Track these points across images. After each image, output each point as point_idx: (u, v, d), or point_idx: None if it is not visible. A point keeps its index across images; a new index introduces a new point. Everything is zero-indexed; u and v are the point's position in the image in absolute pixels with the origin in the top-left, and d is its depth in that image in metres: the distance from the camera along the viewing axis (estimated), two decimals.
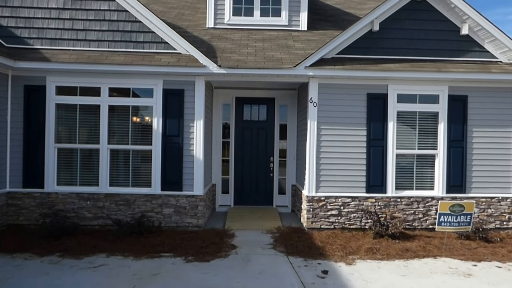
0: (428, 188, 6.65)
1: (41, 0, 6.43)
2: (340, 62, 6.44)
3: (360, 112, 6.52)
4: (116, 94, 6.47)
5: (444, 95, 6.54)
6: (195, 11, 9.32)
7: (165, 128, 6.41)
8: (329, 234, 6.20)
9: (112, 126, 6.44)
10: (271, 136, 8.18)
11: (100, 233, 6.01)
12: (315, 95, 6.48)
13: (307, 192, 6.51)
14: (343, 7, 9.97)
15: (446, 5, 6.54)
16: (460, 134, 6.55)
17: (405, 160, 6.65)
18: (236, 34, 7.87)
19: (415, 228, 6.53)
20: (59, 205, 6.32)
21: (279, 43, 7.47)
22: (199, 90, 6.43)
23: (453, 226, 5.63)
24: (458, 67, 6.45)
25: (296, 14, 8.23)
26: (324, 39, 7.59)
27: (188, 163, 6.43)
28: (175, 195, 6.41)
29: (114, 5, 6.45)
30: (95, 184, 6.43)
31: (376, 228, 6.01)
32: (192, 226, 6.43)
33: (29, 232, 5.95)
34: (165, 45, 6.50)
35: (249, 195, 8.19)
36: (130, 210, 6.37)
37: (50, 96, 6.32)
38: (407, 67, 6.40)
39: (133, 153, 6.51)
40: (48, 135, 6.31)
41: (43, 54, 6.25)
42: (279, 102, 8.19)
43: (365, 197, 6.52)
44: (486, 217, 6.57)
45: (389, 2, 6.42)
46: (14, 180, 6.30)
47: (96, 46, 6.46)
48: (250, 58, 6.64)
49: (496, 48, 6.67)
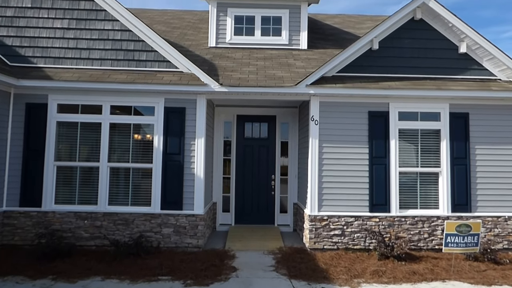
0: (432, 207, 6.52)
1: (46, 20, 6.56)
2: (341, 80, 6.48)
3: (361, 130, 6.49)
4: (117, 112, 6.48)
5: (445, 112, 6.54)
6: (198, 31, 9.51)
7: (166, 146, 6.36)
8: (333, 255, 6.03)
9: (112, 144, 6.41)
10: (272, 153, 8.13)
11: (97, 254, 5.84)
12: (316, 113, 6.47)
13: (309, 211, 6.38)
14: (342, 26, 10.18)
15: (444, 24, 6.65)
16: (463, 152, 6.49)
17: (408, 178, 6.56)
18: (237, 53, 7.98)
19: (421, 249, 6.35)
20: (56, 224, 6.18)
21: (280, 61, 7.55)
22: (200, 108, 6.43)
23: (460, 247, 5.47)
24: (458, 85, 6.48)
25: (296, 34, 8.39)
26: (324, 57, 7.68)
27: (189, 182, 6.34)
28: (174, 214, 6.28)
29: (118, 25, 6.56)
30: (93, 202, 6.32)
31: (381, 249, 5.85)
32: (191, 246, 6.26)
33: (23, 253, 5.78)
34: (167, 64, 6.56)
35: (250, 214, 8.05)
36: (129, 230, 6.23)
37: (51, 114, 6.32)
38: (407, 85, 6.43)
39: (133, 171, 6.43)
40: (48, 152, 6.27)
41: (45, 73, 6.30)
42: (280, 120, 8.19)
43: (368, 217, 6.38)
44: (493, 237, 6.41)
45: (387, 22, 6.54)
46: (11, 199, 6.20)
47: (99, 64, 6.53)
48: (252, 77, 6.69)
49: (495, 66, 6.72)
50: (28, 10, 6.55)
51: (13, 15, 6.53)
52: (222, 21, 8.38)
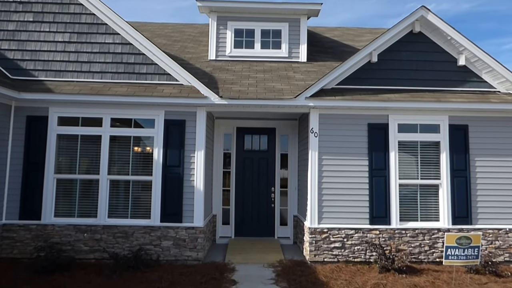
0: (433, 219, 6.50)
1: (48, 34, 6.62)
2: (340, 93, 6.51)
3: (361, 142, 6.50)
4: (117, 125, 6.50)
5: (444, 124, 6.55)
6: (198, 44, 9.58)
7: (166, 159, 6.37)
8: (333, 268, 6.00)
9: (112, 157, 6.42)
10: (272, 166, 8.12)
11: (96, 267, 5.81)
12: (316, 125, 6.49)
13: (309, 223, 6.36)
14: (341, 39, 10.25)
15: (443, 37, 6.70)
16: (463, 164, 6.49)
17: (408, 190, 6.55)
18: (237, 65, 8.03)
19: (422, 261, 6.32)
20: (55, 237, 6.16)
21: (280, 74, 7.59)
22: (200, 120, 6.45)
23: (461, 259, 5.44)
24: (457, 97, 6.50)
25: (296, 47, 8.45)
26: (323, 70, 7.73)
27: (188, 194, 6.33)
28: (174, 227, 6.26)
29: (118, 39, 6.62)
30: (93, 215, 6.30)
31: (381, 261, 5.82)
32: (191, 259, 6.23)
33: (22, 266, 5.75)
34: (168, 77, 6.60)
35: (250, 226, 8.02)
36: (128, 243, 6.20)
37: (52, 127, 6.34)
38: (406, 97, 6.45)
39: (133, 183, 6.43)
40: (48, 165, 6.27)
41: (46, 86, 6.34)
42: (280, 132, 8.20)
43: (368, 229, 6.36)
44: (494, 249, 6.37)
45: (386, 35, 6.59)
46: (11, 212, 6.19)
47: (99, 77, 6.57)
48: (251, 89, 6.72)
49: (494, 79, 6.76)
50: (30, 24, 6.62)
51: (15, 29, 6.59)
52: (222, 34, 8.45)
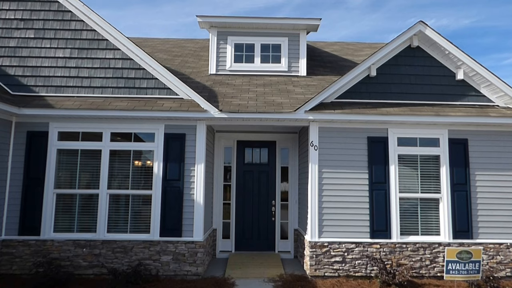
0: (434, 233, 6.47)
1: (48, 50, 6.68)
2: (340, 106, 6.54)
3: (361, 155, 6.50)
4: (117, 139, 6.51)
5: (444, 138, 6.57)
6: (198, 58, 9.65)
7: (166, 172, 6.37)
8: (334, 282, 5.96)
9: (112, 171, 6.42)
10: (272, 179, 8.12)
11: (94, 283, 5.78)
12: (316, 138, 6.51)
13: (310, 237, 6.33)
14: (341, 54, 10.33)
15: (441, 51, 6.75)
16: (463, 178, 6.48)
17: (409, 204, 6.53)
18: (237, 79, 8.08)
19: (423, 276, 6.27)
20: (54, 253, 6.13)
21: (280, 88, 7.64)
22: (200, 134, 6.47)
23: (462, 274, 5.42)
24: (456, 111, 6.53)
25: (296, 61, 8.50)
26: (323, 84, 7.77)
27: (188, 208, 6.32)
28: (174, 241, 6.23)
29: (119, 54, 6.68)
30: (92, 230, 6.28)
31: (382, 276, 5.78)
32: (191, 274, 6.19)
33: (21, 282, 5.72)
34: (168, 91, 6.64)
35: (251, 240, 7.97)
36: (127, 258, 6.16)
37: (52, 142, 6.35)
38: (406, 111, 6.48)
39: (133, 198, 6.42)
40: (48, 180, 6.27)
41: (47, 101, 6.37)
42: (280, 145, 8.21)
43: (369, 243, 6.33)
44: (495, 264, 6.32)
45: (384, 50, 6.65)
46: (10, 227, 6.17)
47: (100, 92, 6.61)
48: (251, 103, 6.75)
49: (492, 93, 6.79)
50: (31, 41, 6.68)
51: (16, 45, 6.65)
52: (222, 49, 8.51)
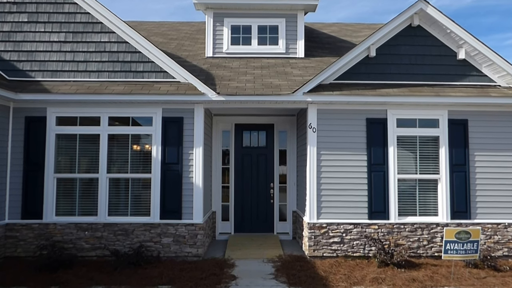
0: (432, 214, 6.50)
1: (43, 34, 6.61)
2: (338, 88, 6.47)
3: (360, 137, 6.48)
4: (115, 123, 6.51)
5: (444, 119, 6.50)
6: (195, 41, 9.52)
7: (164, 156, 6.40)
8: (332, 262, 6.04)
9: (111, 155, 6.45)
10: (271, 162, 8.14)
11: (98, 264, 5.91)
12: (314, 120, 6.47)
13: (308, 219, 6.39)
14: (339, 35, 10.15)
15: (442, 30, 6.61)
16: (462, 158, 6.46)
17: (407, 185, 6.54)
18: (234, 62, 7.98)
19: (420, 256, 6.34)
20: (57, 236, 6.24)
21: (277, 70, 7.55)
22: (198, 117, 6.45)
23: (460, 254, 5.46)
24: (456, 92, 6.44)
25: (293, 42, 8.36)
26: (321, 65, 7.67)
27: (188, 191, 6.37)
28: (174, 223, 6.32)
29: (114, 37, 6.60)
30: (94, 213, 6.37)
31: (380, 256, 5.85)
32: (191, 255, 6.30)
33: (26, 264, 5.85)
34: (164, 74, 6.59)
35: (250, 222, 8.07)
36: (129, 240, 6.27)
37: (50, 127, 6.37)
38: (405, 92, 6.40)
39: (132, 181, 6.48)
40: (48, 165, 6.32)
41: (44, 86, 6.35)
42: (278, 128, 8.19)
43: (367, 224, 6.38)
44: (493, 244, 6.37)
45: (384, 29, 6.51)
46: (13, 212, 6.27)
47: (96, 76, 6.57)
48: (249, 85, 6.69)
49: (494, 72, 6.67)
50: (25, 25, 6.60)
51: (10, 30, 6.58)
52: (218, 31, 8.37)
